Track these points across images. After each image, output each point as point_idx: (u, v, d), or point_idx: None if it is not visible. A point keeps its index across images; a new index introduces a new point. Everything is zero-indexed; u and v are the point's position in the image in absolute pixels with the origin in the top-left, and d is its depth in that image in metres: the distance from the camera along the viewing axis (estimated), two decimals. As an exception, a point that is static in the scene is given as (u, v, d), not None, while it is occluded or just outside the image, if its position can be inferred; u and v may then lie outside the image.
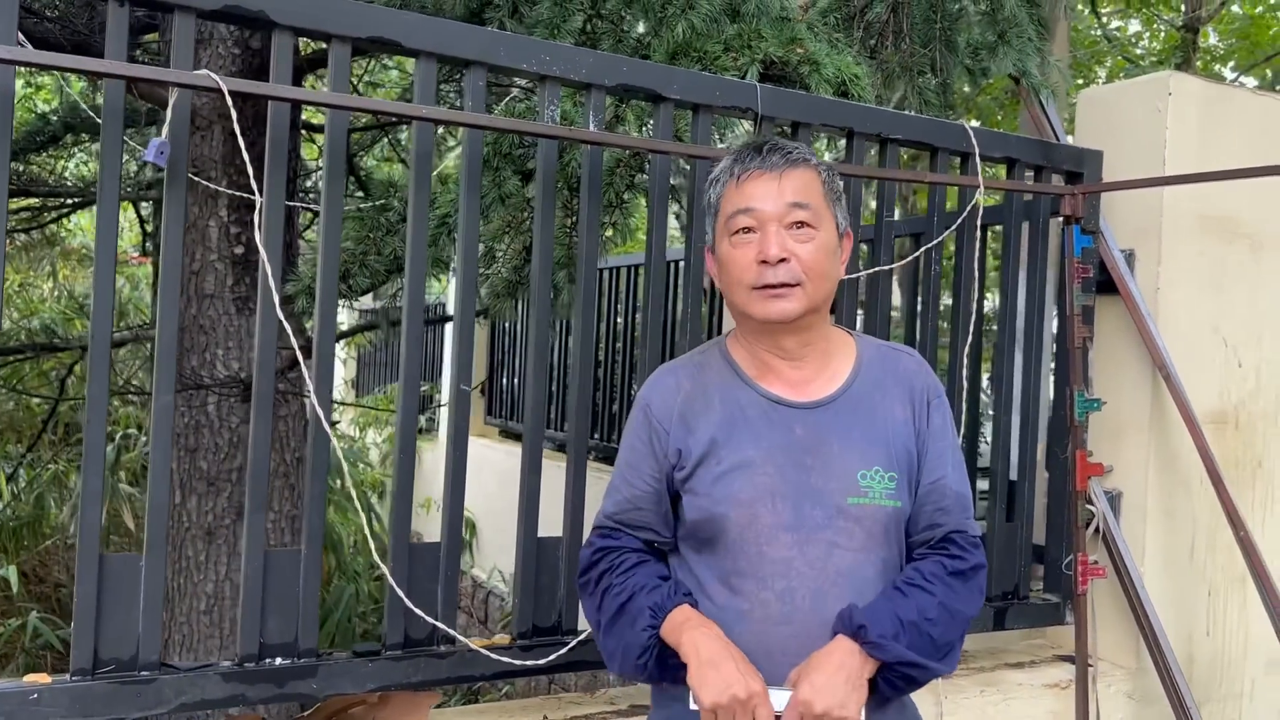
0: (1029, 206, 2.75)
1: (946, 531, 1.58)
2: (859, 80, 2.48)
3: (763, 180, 1.52)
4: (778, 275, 1.49)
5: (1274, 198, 2.88)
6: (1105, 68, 13.02)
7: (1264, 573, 2.49)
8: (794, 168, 1.53)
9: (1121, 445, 2.77)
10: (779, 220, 1.51)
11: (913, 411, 1.60)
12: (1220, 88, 2.88)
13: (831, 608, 1.49)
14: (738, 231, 1.53)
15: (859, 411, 1.57)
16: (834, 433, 1.54)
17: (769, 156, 1.54)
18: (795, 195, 1.51)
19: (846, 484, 1.52)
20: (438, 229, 2.40)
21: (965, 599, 1.54)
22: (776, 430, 1.54)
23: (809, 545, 1.50)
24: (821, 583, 1.50)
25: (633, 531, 1.62)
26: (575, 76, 2.07)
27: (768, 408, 1.56)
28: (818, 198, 1.54)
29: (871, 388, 1.59)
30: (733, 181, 1.55)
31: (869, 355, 1.63)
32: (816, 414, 1.56)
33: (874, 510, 1.52)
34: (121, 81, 1.73)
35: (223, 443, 3.50)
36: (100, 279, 1.73)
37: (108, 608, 1.75)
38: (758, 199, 1.52)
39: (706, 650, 1.44)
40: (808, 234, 1.51)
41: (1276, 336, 2.92)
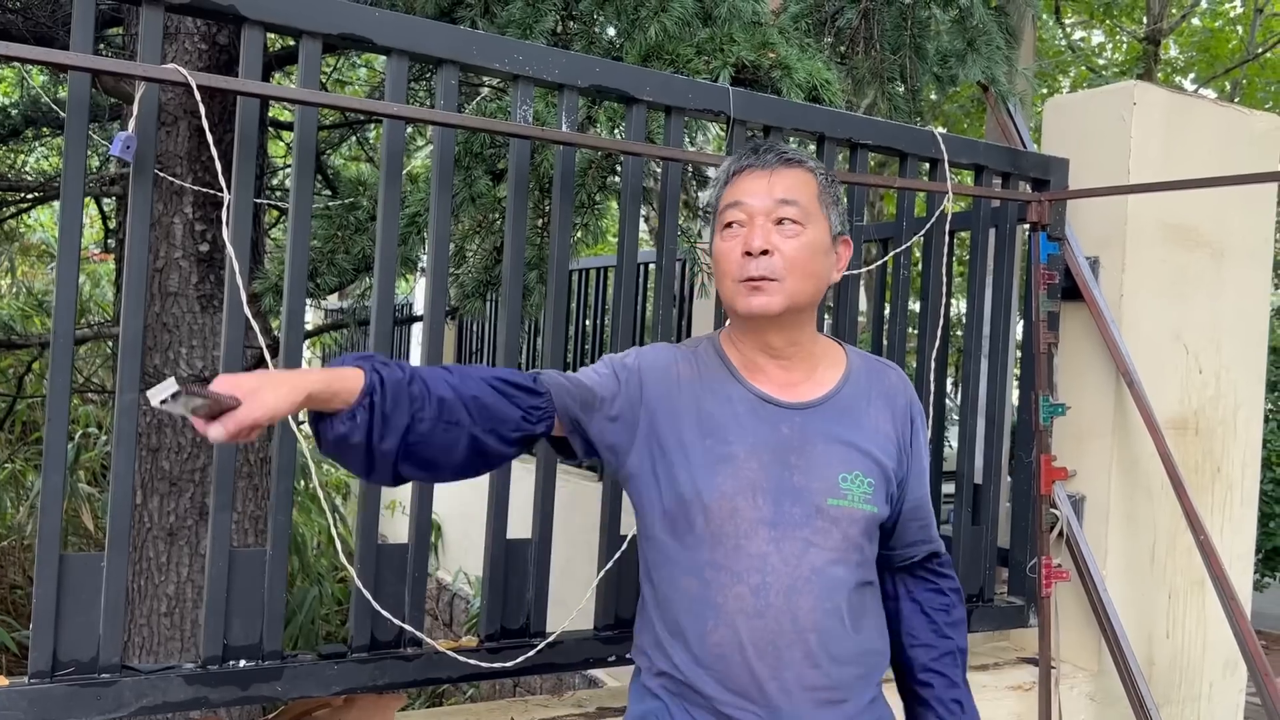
0: (996, 213, 2.78)
1: (929, 551, 1.72)
2: (830, 85, 2.50)
3: (754, 176, 1.55)
4: (759, 267, 1.50)
5: (1234, 208, 2.93)
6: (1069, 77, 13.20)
7: (1223, 576, 2.53)
8: (787, 167, 1.55)
9: (1085, 450, 2.80)
10: (766, 215, 1.52)
11: (896, 426, 1.63)
12: (1184, 98, 2.93)
13: (802, 604, 1.51)
14: (727, 225, 1.55)
15: (845, 417, 1.59)
16: (819, 435, 1.56)
17: (764, 155, 1.57)
18: (784, 192, 1.53)
19: (827, 485, 1.54)
20: (407, 228, 2.39)
21: (964, 634, 1.76)
22: (764, 427, 1.55)
23: (785, 542, 1.51)
24: (795, 580, 1.51)
25: (537, 384, 1.52)
26: (548, 77, 2.06)
27: (756, 404, 1.57)
28: (809, 197, 1.55)
29: (858, 396, 1.62)
30: (728, 180, 1.58)
31: (857, 365, 1.66)
32: (804, 415, 1.57)
33: (851, 513, 1.55)
34: (87, 74, 1.70)
35: (185, 442, 3.45)
36: (63, 274, 1.70)
37: (67, 609, 1.72)
38: (747, 194, 1.54)
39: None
40: (794, 230, 1.52)
41: (1235, 344, 2.97)
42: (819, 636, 1.51)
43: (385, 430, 1.35)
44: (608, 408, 1.56)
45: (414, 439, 1.38)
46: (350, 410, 1.34)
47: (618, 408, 1.56)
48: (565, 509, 4.82)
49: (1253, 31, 12.34)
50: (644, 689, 1.62)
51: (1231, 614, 2.52)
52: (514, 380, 1.49)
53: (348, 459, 1.40)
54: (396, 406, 1.36)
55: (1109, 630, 2.67)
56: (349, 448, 1.36)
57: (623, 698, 2.30)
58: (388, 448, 1.36)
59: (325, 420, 1.36)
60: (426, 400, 1.39)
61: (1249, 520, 3.05)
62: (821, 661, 1.51)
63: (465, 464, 1.46)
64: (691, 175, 3.47)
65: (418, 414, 1.38)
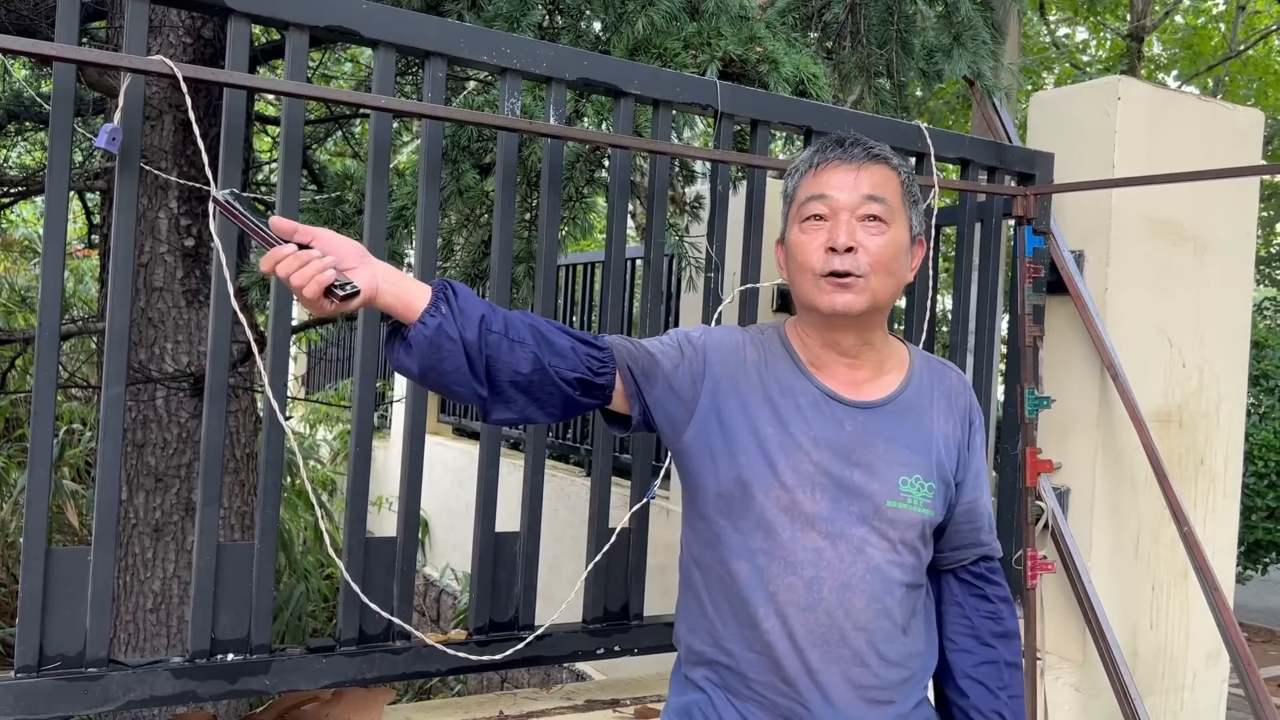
0: (982, 207, 2.79)
1: (978, 555, 1.68)
2: (817, 80, 2.50)
3: (840, 170, 1.51)
4: (844, 263, 1.48)
5: (1218, 202, 2.95)
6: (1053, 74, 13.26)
7: (1206, 567, 2.55)
8: (874, 163, 1.52)
9: (1070, 442, 2.82)
10: (851, 210, 1.49)
11: (957, 429, 1.62)
12: (1167, 93, 2.95)
13: (855, 602, 1.51)
14: (809, 218, 1.52)
15: (908, 419, 1.58)
16: (881, 436, 1.55)
17: (851, 149, 1.53)
18: (871, 188, 1.50)
19: (888, 487, 1.53)
20: (395, 222, 2.38)
21: (1016, 649, 1.69)
22: (827, 423, 1.54)
23: (841, 539, 1.51)
24: (849, 577, 1.51)
25: (599, 339, 1.54)
26: (536, 70, 2.06)
27: (820, 399, 1.56)
28: (894, 195, 1.53)
29: (921, 397, 1.60)
30: (810, 171, 1.54)
31: (920, 365, 1.64)
32: (868, 415, 1.56)
33: (909, 516, 1.53)
34: (72, 66, 1.70)
35: (171, 438, 3.44)
36: (48, 269, 1.70)
37: (54, 603, 1.72)
38: (833, 187, 1.51)
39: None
40: (879, 228, 1.50)
41: (1218, 338, 2.99)
42: (869, 636, 1.51)
43: (464, 322, 1.39)
44: (669, 378, 1.55)
45: (489, 350, 1.41)
46: (432, 305, 1.38)
47: (679, 379, 1.55)
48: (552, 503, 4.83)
49: (1235, 28, 12.43)
50: (685, 680, 1.61)
51: (1215, 605, 2.54)
52: (576, 332, 1.51)
53: (446, 361, 1.40)
54: (469, 303, 1.40)
55: (1094, 621, 2.69)
56: (447, 341, 1.38)
57: (612, 690, 2.31)
58: (471, 337, 1.39)
59: (408, 327, 1.38)
60: (492, 310, 1.43)
61: (1231, 512, 3.08)
62: (870, 660, 1.51)
63: (545, 394, 1.47)
64: (678, 170, 3.47)
65: (486, 318, 1.41)
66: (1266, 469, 6.10)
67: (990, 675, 1.63)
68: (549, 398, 1.48)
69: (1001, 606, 1.67)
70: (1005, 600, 1.68)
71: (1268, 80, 13.08)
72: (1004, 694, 1.62)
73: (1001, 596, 1.68)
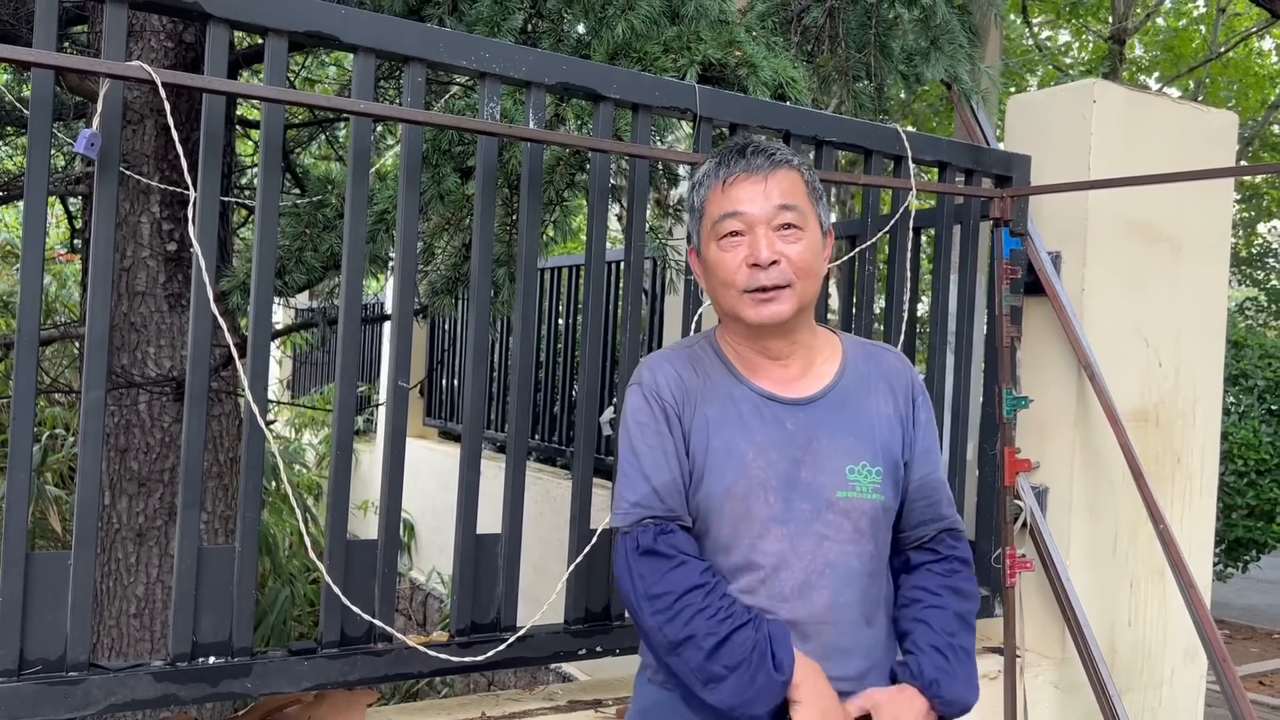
0: (960, 209, 2.82)
1: (940, 529, 1.68)
2: (796, 83, 2.52)
3: (748, 183, 1.53)
4: (770, 277, 1.51)
5: (1193, 203, 2.99)
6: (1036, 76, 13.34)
7: (1182, 564, 2.58)
8: (778, 169, 1.54)
9: (1048, 442, 2.85)
10: (767, 223, 1.52)
11: (899, 408, 1.64)
12: (1142, 96, 2.98)
13: (818, 599, 1.53)
14: (726, 235, 1.54)
15: (846, 408, 1.60)
16: (823, 428, 1.57)
17: (753, 158, 1.54)
18: (782, 197, 1.52)
19: (835, 478, 1.55)
20: (375, 225, 2.39)
21: (970, 607, 1.66)
22: (768, 425, 1.57)
23: (799, 538, 1.54)
24: (810, 574, 1.53)
25: (681, 524, 1.55)
26: (515, 74, 2.08)
27: (759, 403, 1.58)
28: (803, 198, 1.55)
29: (857, 385, 1.62)
30: (718, 185, 1.55)
31: (854, 353, 1.66)
32: (806, 410, 1.58)
33: (861, 504, 1.56)
34: (51, 72, 1.70)
35: (154, 442, 3.44)
36: (28, 274, 1.70)
37: (34, 607, 1.72)
38: (745, 202, 1.52)
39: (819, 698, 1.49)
40: (796, 234, 1.53)
41: (1194, 338, 3.03)
42: (833, 629, 1.54)
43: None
44: (685, 459, 1.58)
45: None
46: None
47: (682, 451, 1.58)
48: (538, 506, 4.82)
49: (1215, 31, 12.52)
50: (648, 683, 1.63)
51: (1190, 602, 2.57)
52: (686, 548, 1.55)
53: None
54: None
55: (1072, 619, 2.71)
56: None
57: (595, 691, 2.32)
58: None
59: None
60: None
61: (1208, 510, 3.11)
62: (832, 654, 1.54)
63: None
64: (661, 173, 3.49)
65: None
66: (1246, 467, 6.16)
67: (937, 619, 1.60)
68: None
69: (957, 564, 1.67)
70: (964, 561, 1.68)
71: (1248, 82, 13.19)
72: (950, 640, 1.60)
73: (960, 556, 1.68)
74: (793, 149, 1.61)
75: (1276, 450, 6.16)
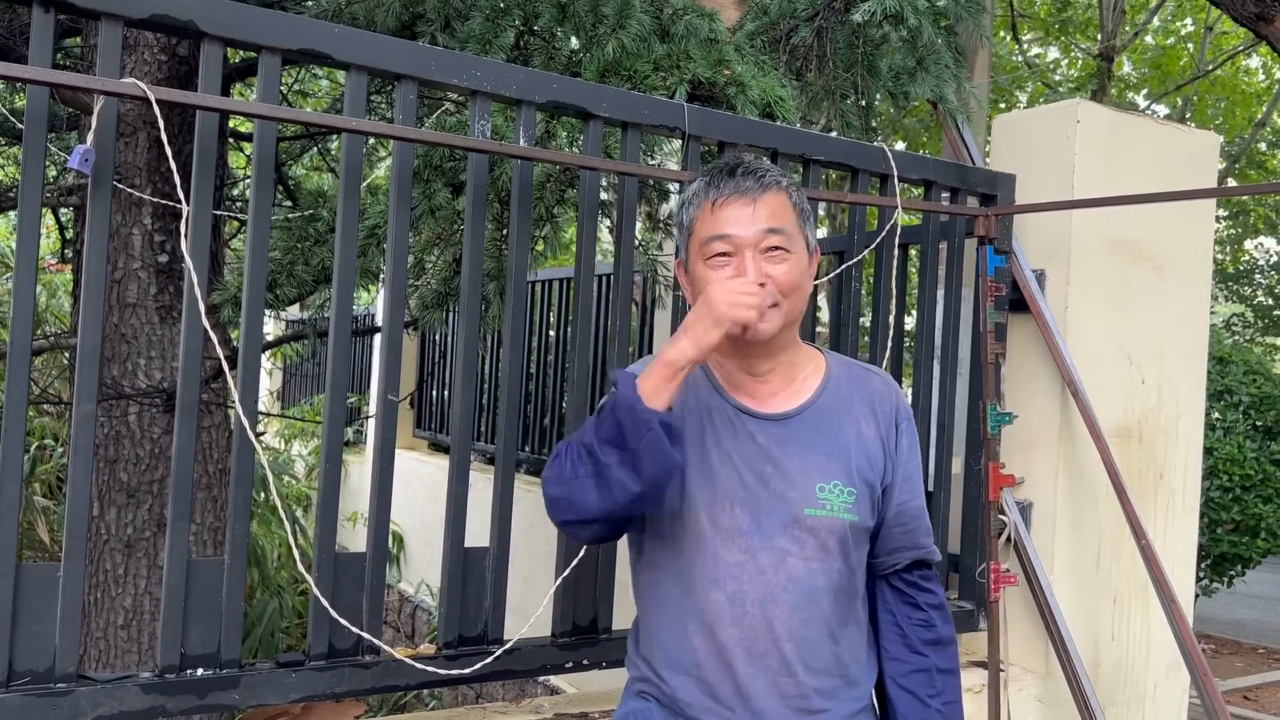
0: (945, 227, 2.85)
1: (912, 559, 1.69)
2: (784, 102, 2.55)
3: (737, 205, 1.53)
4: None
5: (1176, 222, 3.03)
6: (1026, 93, 13.44)
7: (1164, 580, 2.61)
8: (766, 191, 1.54)
9: (1032, 457, 2.87)
10: (754, 246, 1.53)
11: (880, 432, 1.64)
12: (1126, 116, 3.02)
13: (779, 614, 1.54)
14: (714, 256, 1.55)
15: (822, 427, 1.61)
16: (795, 445, 1.58)
17: (742, 180, 1.55)
18: (770, 220, 1.53)
19: (804, 495, 1.56)
20: (367, 240, 2.41)
21: (951, 656, 1.69)
22: (740, 438, 1.58)
23: (762, 552, 1.55)
24: (772, 588, 1.54)
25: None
26: (506, 92, 2.10)
27: (733, 415, 1.60)
28: (790, 221, 1.56)
29: (837, 405, 1.63)
30: (707, 205, 1.56)
31: (837, 373, 1.67)
32: (780, 426, 1.59)
33: (830, 522, 1.56)
34: (45, 88, 1.72)
35: (143, 454, 3.44)
36: (20, 285, 1.71)
37: (23, 618, 1.73)
38: (733, 224, 1.53)
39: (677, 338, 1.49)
40: (782, 256, 1.54)
41: (1177, 355, 3.06)
42: (796, 646, 1.54)
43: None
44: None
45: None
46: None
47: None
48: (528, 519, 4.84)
49: (1203, 49, 12.64)
50: (629, 692, 1.68)
51: (1172, 616, 2.59)
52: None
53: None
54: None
55: (1056, 633, 2.73)
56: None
57: (581, 704, 2.34)
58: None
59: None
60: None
61: (1190, 526, 3.14)
62: (797, 670, 1.54)
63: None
64: (652, 187, 3.51)
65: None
66: (1231, 483, 6.19)
67: (921, 684, 1.64)
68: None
69: (934, 614, 1.68)
70: (938, 607, 1.69)
71: (1235, 99, 13.31)
72: (935, 701, 1.63)
73: (933, 604, 1.69)
74: (781, 169, 1.62)
75: (1261, 466, 6.20)
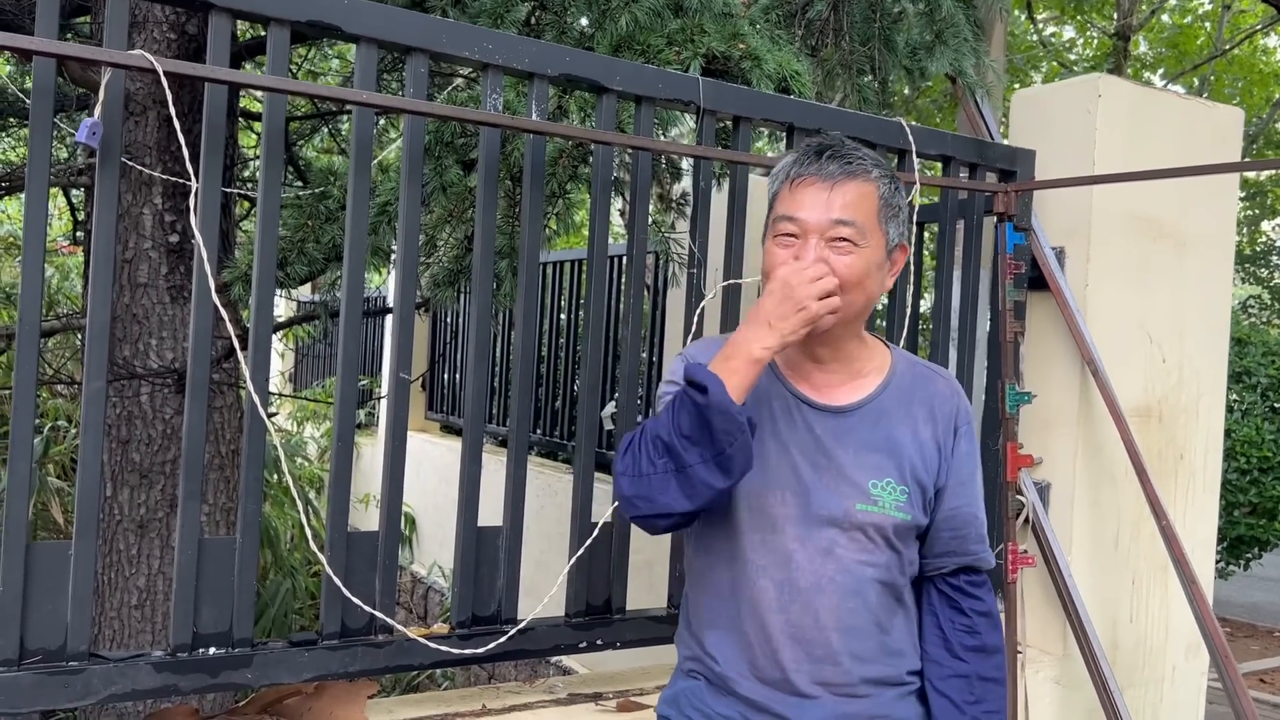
0: (964, 204, 2.81)
1: (959, 565, 1.64)
2: (799, 77, 2.51)
3: (814, 189, 1.50)
4: None
5: (1198, 199, 2.98)
6: (1041, 73, 13.31)
7: (1184, 561, 2.58)
8: (850, 180, 1.50)
9: (1050, 437, 2.84)
10: (820, 233, 1.49)
11: (938, 435, 1.60)
12: (1147, 91, 2.97)
13: (824, 604, 1.53)
14: (781, 235, 1.52)
15: (881, 423, 1.58)
16: (852, 440, 1.56)
17: (827, 164, 1.51)
18: (842, 211, 1.49)
19: (857, 491, 1.54)
20: (378, 217, 2.39)
21: (996, 665, 1.64)
22: (797, 428, 1.56)
23: (810, 542, 1.53)
24: (819, 579, 1.53)
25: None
26: (518, 65, 2.07)
27: (792, 404, 1.57)
28: (868, 214, 1.51)
29: (898, 402, 1.60)
30: (787, 183, 1.53)
31: (902, 370, 1.64)
32: (838, 419, 1.57)
33: (881, 519, 1.54)
34: (53, 60, 1.69)
35: (156, 434, 3.44)
36: (29, 265, 1.70)
37: (35, 597, 1.72)
38: (804, 208, 1.50)
39: (732, 343, 1.47)
40: (847, 247, 1.49)
41: (1198, 334, 3.02)
42: (842, 635, 1.53)
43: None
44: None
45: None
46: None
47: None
48: (540, 500, 4.82)
49: (1220, 27, 12.49)
50: (679, 671, 1.68)
51: (1193, 598, 2.56)
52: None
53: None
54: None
55: (1074, 615, 2.71)
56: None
57: (595, 684, 2.32)
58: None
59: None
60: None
61: (1210, 506, 3.10)
62: (843, 660, 1.53)
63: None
64: (665, 167, 3.48)
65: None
66: (1249, 465, 6.15)
67: (958, 689, 1.60)
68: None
69: (979, 620, 1.64)
70: (985, 615, 1.65)
71: (1252, 79, 13.16)
72: (973, 709, 1.59)
73: (980, 610, 1.65)
74: (877, 157, 1.56)
75: (1279, 448, 6.15)
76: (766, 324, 1.45)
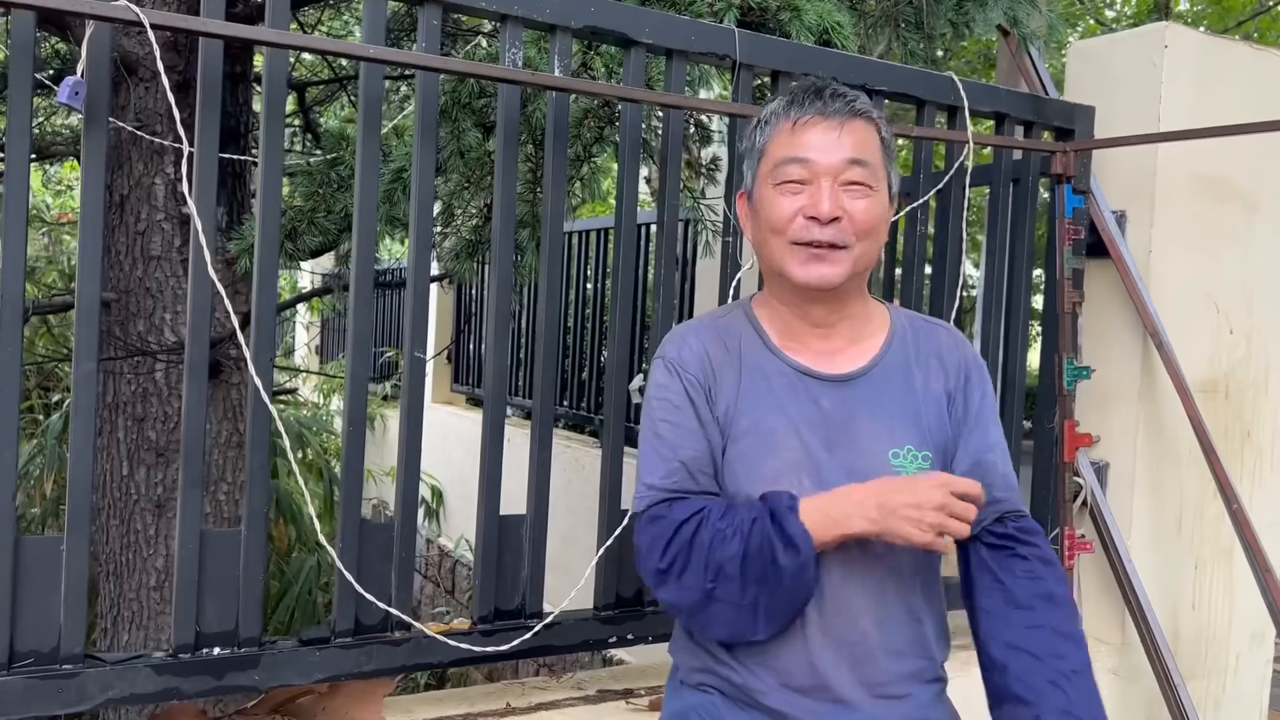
0: (1017, 165, 2.62)
1: (999, 511, 1.47)
2: (842, 28, 2.33)
3: (820, 128, 1.37)
4: (827, 234, 1.36)
5: (1269, 157, 2.77)
6: (1078, 32, 12.92)
7: (1256, 546, 2.41)
8: (856, 118, 1.39)
9: (1110, 415, 2.66)
10: (834, 175, 1.36)
11: (948, 385, 1.47)
12: (1218, 41, 2.76)
13: (855, 588, 1.39)
14: (786, 181, 1.38)
15: (890, 387, 1.44)
16: (863, 409, 1.42)
17: (831, 102, 1.39)
18: (856, 150, 1.37)
19: (876, 463, 1.39)
20: (392, 184, 2.24)
21: (1070, 616, 1.43)
22: (802, 402, 1.42)
23: None
24: (847, 562, 1.39)
25: (697, 495, 1.43)
26: (539, 17, 1.91)
27: (793, 378, 1.43)
28: (876, 155, 1.40)
29: (905, 362, 1.47)
30: (787, 124, 1.40)
31: (902, 327, 1.51)
32: (845, 388, 1.43)
33: None
34: (31, 13, 1.55)
35: (172, 411, 3.33)
36: (10, 236, 1.56)
37: (25, 596, 1.60)
38: (813, 149, 1.37)
39: (844, 499, 1.34)
40: (863, 191, 1.37)
41: (1267, 303, 2.82)
42: (876, 627, 1.40)
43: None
44: (714, 433, 1.44)
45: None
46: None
47: (713, 431, 1.44)
48: (566, 475, 4.70)
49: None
50: (682, 685, 1.50)
51: (1265, 586, 2.39)
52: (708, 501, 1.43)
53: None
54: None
55: (1134, 603, 2.55)
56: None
57: (626, 679, 2.20)
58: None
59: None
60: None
61: (1278, 488, 2.92)
62: (878, 655, 1.39)
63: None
64: (694, 131, 3.31)
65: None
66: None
67: (1037, 642, 1.38)
68: None
69: (1040, 566, 1.44)
70: (1047, 561, 1.45)
71: (1300, 36, 12.70)
72: (1058, 664, 1.36)
73: (1041, 556, 1.45)
74: (871, 101, 1.45)
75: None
76: (878, 506, 1.31)
